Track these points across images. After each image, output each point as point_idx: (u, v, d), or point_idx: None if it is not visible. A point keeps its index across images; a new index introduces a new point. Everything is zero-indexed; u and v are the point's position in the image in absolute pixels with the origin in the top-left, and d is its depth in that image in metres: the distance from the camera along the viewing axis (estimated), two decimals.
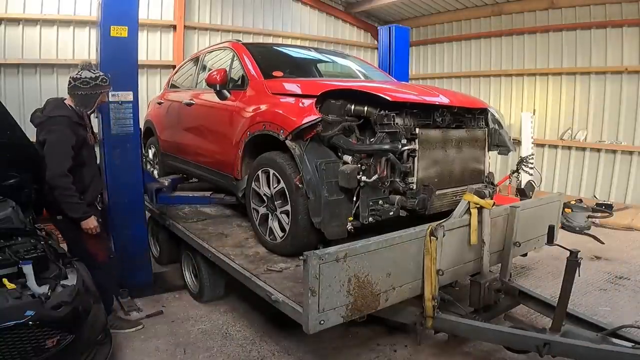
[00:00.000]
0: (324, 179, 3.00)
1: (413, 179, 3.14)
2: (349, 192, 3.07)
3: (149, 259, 4.64)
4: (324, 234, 3.09)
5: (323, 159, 3.06)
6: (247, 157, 3.74)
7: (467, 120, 3.59)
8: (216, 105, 4.18)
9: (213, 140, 4.34)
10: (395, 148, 2.98)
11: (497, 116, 3.85)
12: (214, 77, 3.85)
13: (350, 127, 3.10)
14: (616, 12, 7.71)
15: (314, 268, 2.29)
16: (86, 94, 3.33)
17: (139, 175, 4.34)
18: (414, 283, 2.86)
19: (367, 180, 2.96)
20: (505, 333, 2.81)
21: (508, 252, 3.44)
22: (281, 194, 3.28)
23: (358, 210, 3.08)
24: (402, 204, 3.11)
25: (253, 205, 3.62)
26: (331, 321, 2.46)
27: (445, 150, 3.33)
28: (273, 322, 3.73)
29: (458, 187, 3.46)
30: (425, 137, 3.16)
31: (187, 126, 4.90)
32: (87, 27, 7.40)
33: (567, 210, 6.62)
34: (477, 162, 3.66)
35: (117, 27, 3.93)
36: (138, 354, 3.35)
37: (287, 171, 3.17)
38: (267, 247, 3.57)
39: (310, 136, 3.08)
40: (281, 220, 3.34)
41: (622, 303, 4.27)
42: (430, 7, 10.13)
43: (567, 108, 8.60)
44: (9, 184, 3.07)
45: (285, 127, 3.16)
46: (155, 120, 5.77)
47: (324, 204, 2.98)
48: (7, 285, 2.37)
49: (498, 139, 3.79)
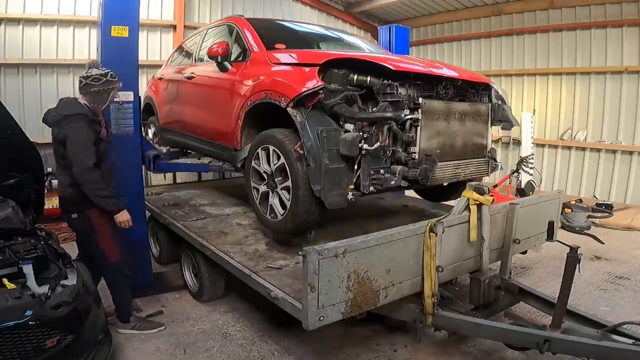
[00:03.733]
0: (325, 147, 2.96)
1: (415, 148, 3.10)
2: (349, 161, 3.02)
3: (149, 258, 4.64)
4: (325, 205, 3.06)
5: (324, 126, 3.01)
6: (247, 127, 3.69)
7: (470, 95, 3.58)
8: (217, 77, 4.14)
9: (213, 111, 4.28)
10: (398, 116, 2.95)
11: (501, 92, 3.83)
12: (216, 50, 3.82)
13: (352, 96, 3.06)
14: (616, 12, 7.72)
15: (313, 264, 2.29)
16: (99, 90, 3.40)
17: (139, 175, 4.34)
18: (413, 280, 2.86)
19: (368, 148, 2.90)
20: (506, 330, 2.80)
21: (508, 250, 3.44)
22: (281, 170, 3.24)
23: (359, 180, 3.04)
24: (403, 174, 3.07)
25: (253, 184, 3.57)
26: (330, 317, 2.46)
27: (448, 122, 3.30)
28: (273, 322, 3.73)
29: (460, 160, 3.45)
30: (428, 108, 3.14)
31: (187, 99, 4.85)
32: (87, 27, 7.41)
33: (567, 210, 6.61)
34: (480, 137, 3.64)
35: (117, 27, 3.94)
36: (138, 354, 3.35)
37: (287, 146, 3.11)
38: (268, 225, 3.53)
39: (312, 104, 3.02)
40: (282, 197, 3.29)
41: (622, 303, 4.26)
42: (430, 7, 10.14)
43: (567, 108, 8.61)
44: (9, 184, 3.08)
45: (286, 94, 3.10)
46: (155, 96, 5.72)
47: (324, 171, 2.94)
48: (7, 285, 2.37)
49: (501, 114, 3.77)
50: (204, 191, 5.93)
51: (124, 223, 3.41)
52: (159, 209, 4.88)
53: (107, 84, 3.42)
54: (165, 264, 5.09)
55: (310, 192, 3.04)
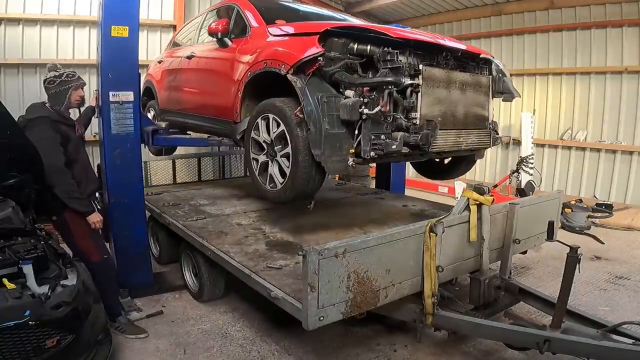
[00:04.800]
0: (325, 112, 2.96)
1: (416, 114, 3.10)
2: (350, 127, 3.02)
3: (149, 258, 4.64)
4: (325, 172, 3.05)
5: (324, 92, 3.02)
6: (246, 99, 3.69)
7: (470, 68, 3.59)
8: (217, 53, 4.15)
9: (213, 87, 4.28)
10: (399, 81, 2.95)
11: (501, 67, 3.84)
12: (215, 27, 3.85)
13: (352, 65, 3.05)
14: (616, 12, 7.72)
15: (313, 264, 2.30)
16: (56, 92, 3.54)
17: (139, 175, 4.34)
18: (413, 280, 2.86)
19: (369, 113, 2.89)
20: (506, 330, 2.80)
21: (508, 250, 3.44)
22: (281, 137, 3.23)
23: (360, 146, 3.02)
24: (405, 140, 3.06)
25: (252, 155, 3.55)
26: (330, 317, 2.46)
27: (449, 90, 3.30)
28: (273, 322, 3.73)
29: (462, 130, 3.44)
30: (429, 74, 3.14)
31: (187, 78, 4.85)
32: (87, 27, 7.40)
33: (567, 210, 6.61)
34: (481, 108, 3.64)
35: (117, 27, 3.94)
36: (138, 354, 3.35)
37: (287, 113, 3.11)
38: (267, 196, 3.52)
39: (312, 70, 3.02)
40: (281, 165, 3.28)
41: (622, 303, 4.26)
42: (430, 7, 10.14)
43: (567, 108, 8.61)
44: (9, 184, 3.07)
45: (286, 61, 3.10)
46: (155, 79, 5.73)
47: (324, 136, 2.94)
48: (7, 285, 2.37)
49: (502, 86, 3.78)
50: (204, 191, 5.93)
51: (96, 224, 3.48)
52: (159, 209, 4.87)
53: (61, 85, 3.53)
54: (165, 264, 5.09)
55: (310, 158, 3.03)
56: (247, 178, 7.46)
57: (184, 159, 7.14)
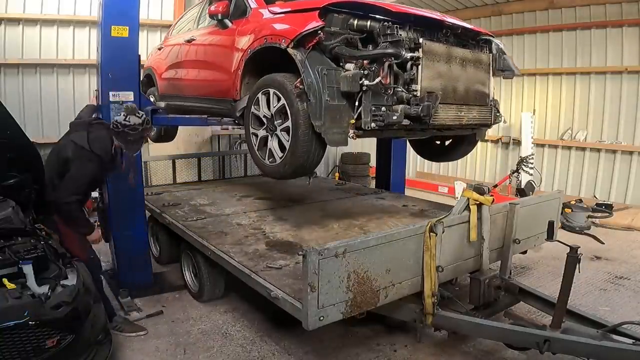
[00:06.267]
0: (325, 84, 2.96)
1: (417, 86, 3.10)
2: (350, 99, 3.02)
3: (149, 259, 4.65)
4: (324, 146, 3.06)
5: (325, 65, 3.03)
6: (247, 77, 3.70)
7: (471, 46, 3.60)
8: (217, 35, 4.16)
9: (213, 67, 4.28)
10: (399, 53, 2.96)
11: (501, 46, 3.86)
12: (216, 9, 3.85)
13: (352, 40, 3.06)
14: (616, 12, 7.72)
15: (313, 264, 2.30)
16: (134, 139, 3.44)
17: (139, 176, 4.34)
18: (413, 280, 2.86)
19: (369, 84, 2.89)
20: (506, 330, 2.80)
21: (508, 249, 3.44)
22: (281, 111, 3.24)
23: (360, 118, 3.02)
24: (406, 112, 3.06)
25: (252, 130, 3.54)
26: (330, 317, 2.46)
27: (449, 65, 3.31)
28: (273, 322, 3.73)
29: (463, 105, 3.45)
30: (429, 48, 3.15)
31: (187, 61, 4.84)
32: (87, 27, 7.40)
33: (567, 210, 6.61)
34: (482, 85, 3.64)
35: (117, 27, 3.94)
36: (138, 354, 3.35)
37: (288, 86, 3.11)
38: (266, 170, 3.51)
39: (312, 44, 3.02)
40: (281, 139, 3.27)
41: (622, 303, 4.26)
42: (431, 7, 10.12)
43: (567, 108, 8.60)
44: (9, 184, 3.07)
45: (287, 35, 3.10)
46: (155, 65, 5.72)
47: (325, 107, 2.94)
48: (7, 285, 2.37)
49: (503, 64, 3.79)
50: (204, 191, 5.94)
51: (95, 241, 3.52)
52: (159, 209, 4.88)
53: (142, 133, 3.45)
54: (165, 264, 5.09)
55: (310, 131, 3.04)
56: (247, 178, 7.47)
57: (184, 159, 7.15)
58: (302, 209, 4.99)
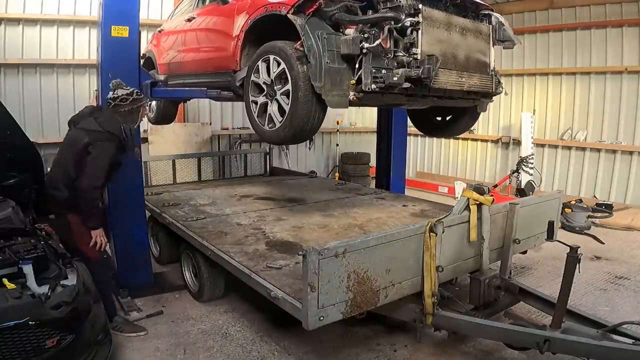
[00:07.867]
0: (325, 47, 2.97)
1: (417, 50, 3.11)
2: (350, 62, 3.03)
3: (149, 259, 4.65)
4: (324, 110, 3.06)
5: (324, 30, 3.04)
6: (247, 47, 3.70)
7: (471, 18, 3.61)
8: (217, 10, 4.17)
9: (213, 41, 4.29)
10: (398, 17, 2.98)
11: (501, 19, 3.86)
12: None
13: (352, 7, 3.07)
14: (616, 12, 7.72)
15: (313, 264, 2.30)
16: (129, 110, 3.52)
17: (139, 176, 4.34)
18: (413, 279, 2.86)
19: (369, 47, 2.91)
20: (506, 330, 2.80)
21: (508, 249, 3.45)
22: (281, 76, 3.24)
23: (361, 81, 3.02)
24: (406, 75, 3.07)
25: (252, 98, 3.54)
26: (330, 317, 2.46)
27: (449, 32, 3.31)
28: (273, 322, 3.73)
29: (464, 72, 3.45)
30: (429, 14, 3.16)
31: (187, 38, 4.85)
32: (87, 27, 7.40)
33: (567, 210, 6.61)
34: (482, 54, 3.64)
35: (117, 27, 3.94)
36: (138, 354, 3.35)
37: (288, 51, 3.13)
38: (265, 136, 3.51)
39: (312, 10, 3.04)
40: (281, 103, 3.27)
41: (622, 303, 4.26)
42: None
43: (567, 108, 8.60)
44: (9, 184, 3.07)
45: (287, 1, 3.12)
46: (155, 48, 5.71)
47: (325, 70, 2.95)
48: (7, 285, 2.37)
49: (502, 34, 3.80)
50: (204, 191, 5.94)
51: (100, 239, 3.48)
52: (159, 209, 4.88)
53: (134, 103, 3.52)
54: (165, 264, 5.08)
55: (310, 93, 3.04)
56: (247, 178, 7.48)
57: (184, 159, 7.16)
58: (302, 209, 5.00)
